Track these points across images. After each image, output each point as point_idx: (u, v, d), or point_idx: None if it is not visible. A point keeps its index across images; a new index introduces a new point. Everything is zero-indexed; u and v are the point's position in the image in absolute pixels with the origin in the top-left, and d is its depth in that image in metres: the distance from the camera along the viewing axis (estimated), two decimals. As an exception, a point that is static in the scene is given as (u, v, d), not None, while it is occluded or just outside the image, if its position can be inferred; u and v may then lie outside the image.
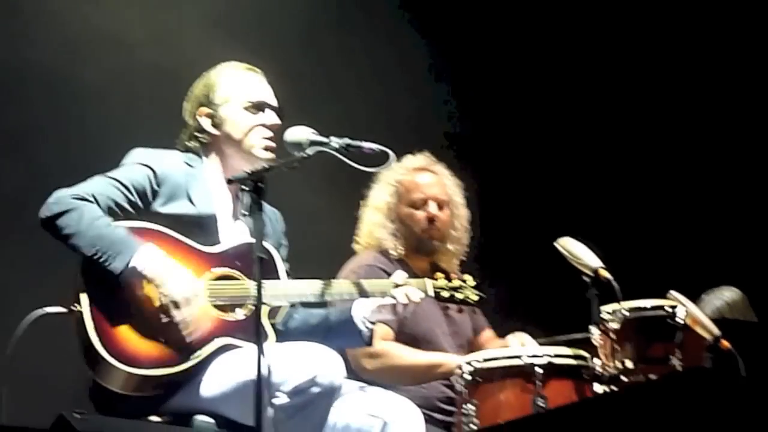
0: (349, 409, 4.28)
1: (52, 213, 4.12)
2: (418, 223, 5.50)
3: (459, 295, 4.59)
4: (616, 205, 7.45)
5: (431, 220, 5.50)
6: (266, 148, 4.46)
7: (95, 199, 4.18)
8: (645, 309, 4.68)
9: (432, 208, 5.52)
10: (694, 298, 5.56)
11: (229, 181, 4.16)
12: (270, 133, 4.47)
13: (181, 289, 4.11)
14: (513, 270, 6.95)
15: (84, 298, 4.08)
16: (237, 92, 4.51)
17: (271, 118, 4.50)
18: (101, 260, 4.06)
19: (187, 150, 4.53)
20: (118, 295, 4.10)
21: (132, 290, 4.09)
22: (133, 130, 4.74)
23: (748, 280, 6.24)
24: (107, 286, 4.09)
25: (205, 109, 4.51)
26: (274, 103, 4.56)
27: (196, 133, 4.52)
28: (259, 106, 4.51)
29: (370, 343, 4.51)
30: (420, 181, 5.58)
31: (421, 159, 5.64)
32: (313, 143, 4.25)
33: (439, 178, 5.61)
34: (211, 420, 4.12)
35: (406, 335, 5.28)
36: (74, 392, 4.34)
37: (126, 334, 4.09)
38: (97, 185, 4.25)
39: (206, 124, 4.50)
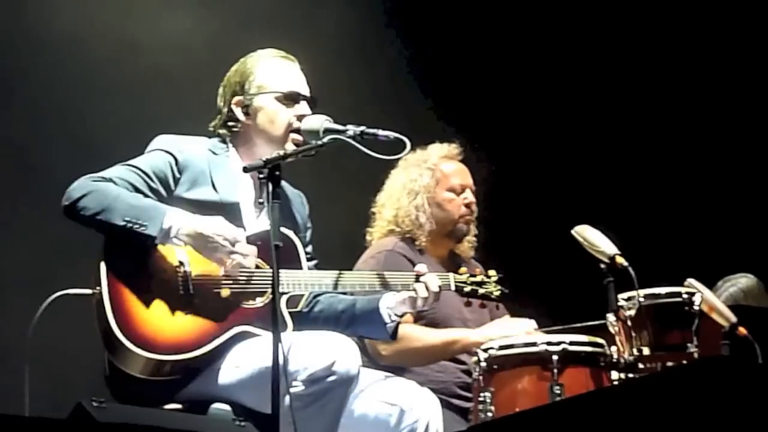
0: (366, 398, 4.30)
1: (74, 198, 4.15)
2: (457, 208, 5.56)
3: (481, 290, 4.59)
4: (633, 193, 7.44)
5: (468, 206, 5.55)
6: (294, 141, 4.46)
7: (114, 182, 4.21)
8: (661, 296, 4.65)
9: (469, 195, 5.58)
10: (712, 285, 5.57)
11: (245, 170, 4.13)
12: (300, 124, 4.44)
13: (226, 230, 4.14)
14: (530, 257, 6.95)
15: (104, 280, 4.10)
16: (272, 82, 4.51)
17: (303, 109, 4.49)
18: (135, 228, 4.08)
19: (216, 137, 4.53)
20: (139, 279, 4.13)
21: (164, 256, 4.13)
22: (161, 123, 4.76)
23: (765, 267, 6.23)
24: (128, 270, 4.12)
25: (238, 98, 4.50)
26: (307, 93, 4.55)
27: (229, 122, 4.52)
28: (292, 98, 4.50)
29: (394, 337, 4.53)
30: (457, 168, 5.64)
31: (454, 148, 5.68)
32: (328, 131, 4.25)
33: (467, 168, 5.66)
34: (228, 408, 4.15)
35: (425, 321, 5.30)
36: (92, 375, 4.37)
37: (145, 318, 4.11)
38: (117, 171, 4.27)
39: (239, 113, 4.50)
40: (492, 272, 4.65)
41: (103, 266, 4.12)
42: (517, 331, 5.08)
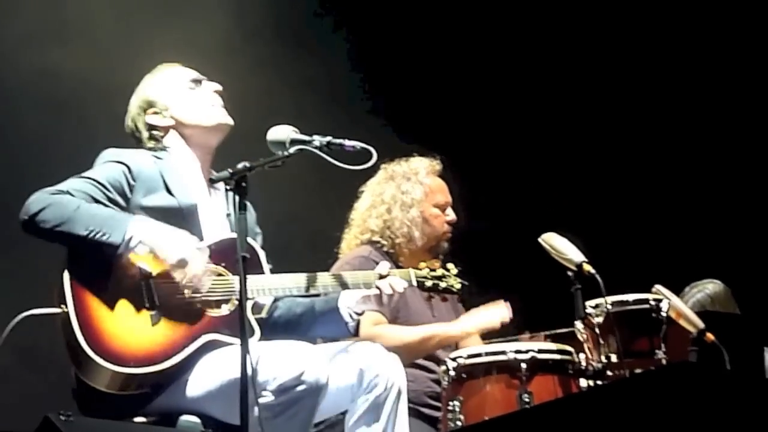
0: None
1: (33, 211, 4.10)
2: (442, 225, 5.57)
3: (442, 284, 4.60)
4: (599, 200, 7.46)
5: (450, 224, 5.59)
6: (214, 106, 4.53)
7: (71, 194, 4.17)
8: (629, 303, 4.68)
9: (451, 212, 5.61)
10: (679, 291, 5.59)
11: (212, 181, 4.15)
12: (216, 97, 4.56)
13: (181, 249, 4.12)
14: (497, 265, 6.96)
15: (69, 297, 4.07)
16: (172, 80, 4.59)
17: (209, 86, 4.59)
18: (97, 237, 4.05)
19: (151, 149, 4.54)
20: (103, 293, 4.09)
21: (128, 266, 4.10)
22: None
23: (733, 273, 6.25)
24: (92, 284, 4.09)
25: (151, 109, 4.55)
26: (204, 76, 4.63)
27: (152, 132, 4.55)
28: (197, 81, 4.59)
29: (356, 334, 4.53)
30: (440, 183, 5.66)
31: (438, 163, 5.69)
32: (294, 142, 4.26)
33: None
34: (197, 420, 4.13)
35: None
36: (58, 393, 4.34)
37: (112, 332, 4.07)
38: (74, 184, 4.24)
39: (156, 120, 4.55)
40: (450, 265, 4.66)
41: (67, 283, 4.09)
42: (492, 319, 5.11)
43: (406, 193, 5.55)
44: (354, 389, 4.31)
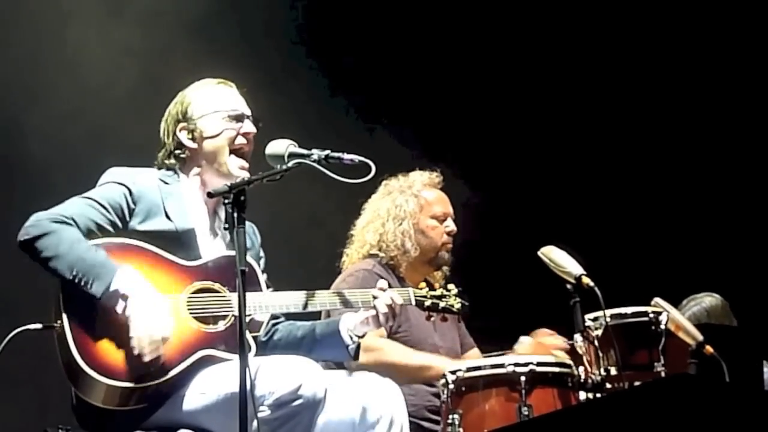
0: (328, 398, 4.24)
1: (31, 236, 4.12)
2: (440, 236, 5.59)
3: (441, 304, 4.60)
4: (598, 213, 7.47)
5: (450, 234, 5.59)
6: (241, 156, 4.48)
7: (74, 221, 4.18)
8: (628, 316, 4.68)
9: (450, 223, 5.61)
10: (678, 304, 5.58)
11: (210, 195, 4.12)
12: (244, 141, 4.50)
13: (146, 315, 4.07)
14: (496, 278, 6.96)
15: (64, 313, 4.07)
16: (213, 104, 4.53)
17: (248, 127, 4.52)
18: (81, 283, 4.05)
19: (164, 168, 4.53)
20: (99, 309, 4.09)
21: (112, 312, 4.08)
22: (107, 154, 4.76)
23: (732, 287, 6.25)
24: (88, 302, 4.08)
25: (183, 125, 4.52)
26: (249, 112, 4.58)
27: (176, 150, 4.53)
28: (236, 116, 4.53)
29: (356, 358, 4.52)
30: (439, 195, 5.67)
31: (436, 176, 5.72)
32: (293, 155, 4.25)
33: (447, 196, 5.70)
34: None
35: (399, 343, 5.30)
36: (57, 407, 4.34)
37: (107, 347, 4.08)
38: (75, 206, 4.25)
39: (184, 138, 4.51)
40: (451, 286, 4.66)
41: (62, 298, 4.10)
42: None
43: (399, 206, 5.58)
44: (355, 425, 4.29)
